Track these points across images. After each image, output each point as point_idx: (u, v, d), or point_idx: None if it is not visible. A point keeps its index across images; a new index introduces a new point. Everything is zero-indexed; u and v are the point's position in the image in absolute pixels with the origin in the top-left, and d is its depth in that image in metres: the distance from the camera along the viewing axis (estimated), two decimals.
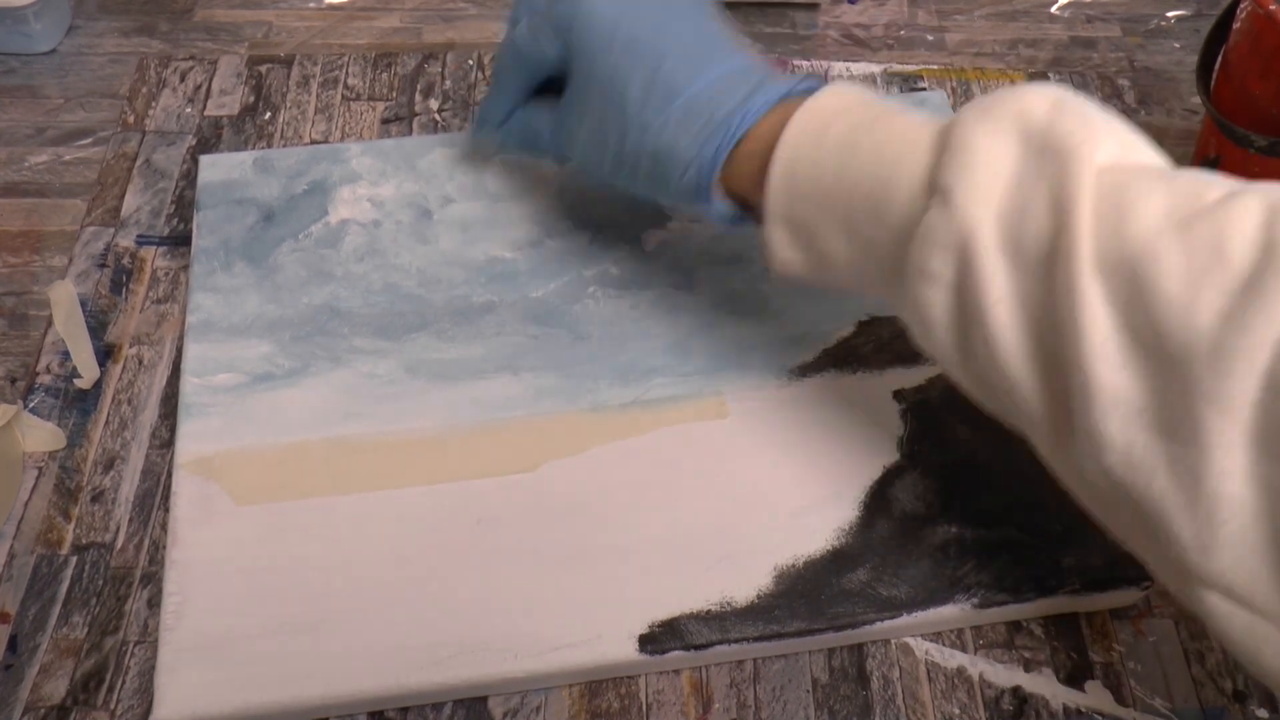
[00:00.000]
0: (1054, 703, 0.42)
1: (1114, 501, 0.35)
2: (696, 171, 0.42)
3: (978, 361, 0.37)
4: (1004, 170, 0.35)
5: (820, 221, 0.39)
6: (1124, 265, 0.33)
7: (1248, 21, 0.51)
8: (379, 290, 0.51)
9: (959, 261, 0.35)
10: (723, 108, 0.42)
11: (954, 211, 0.35)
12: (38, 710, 0.41)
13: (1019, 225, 0.35)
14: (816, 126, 0.39)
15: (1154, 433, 0.32)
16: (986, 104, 0.37)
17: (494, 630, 0.42)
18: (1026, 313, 0.35)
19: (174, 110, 0.60)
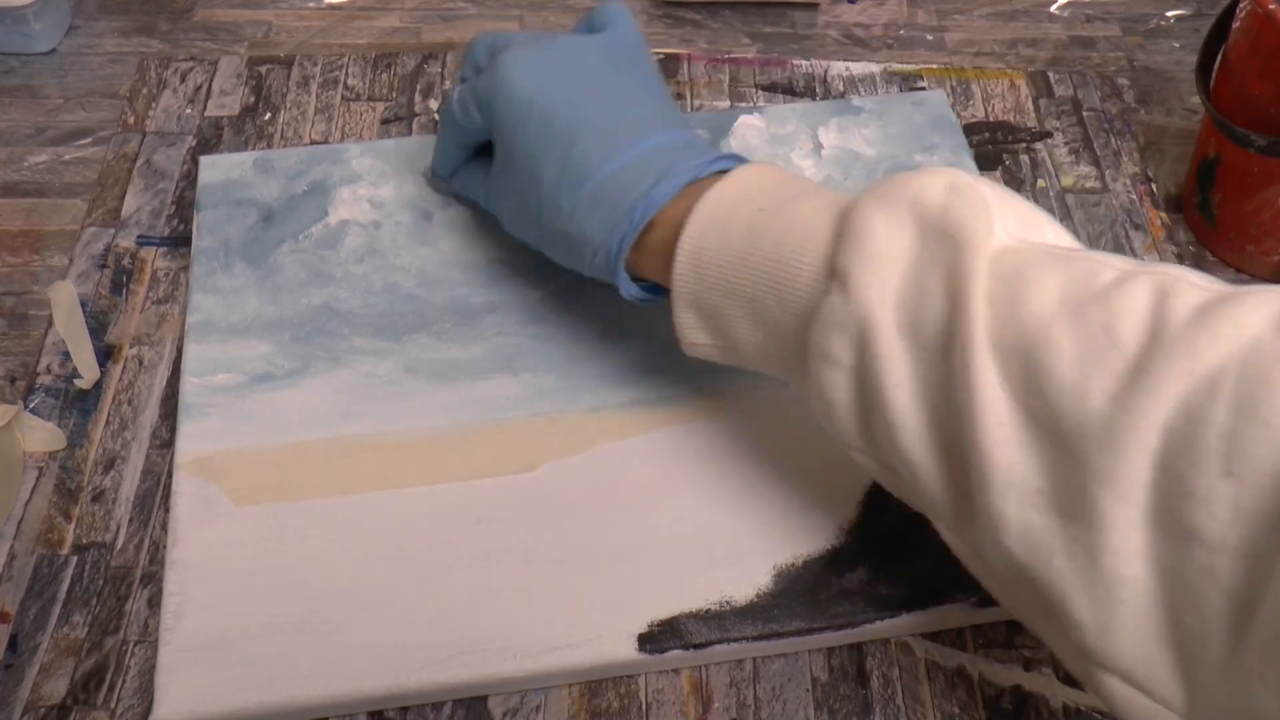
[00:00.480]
0: (1054, 701, 0.42)
1: (1014, 584, 0.35)
2: (605, 255, 0.43)
3: (879, 444, 0.37)
4: (900, 256, 0.36)
5: (726, 307, 0.40)
6: (1019, 348, 0.33)
7: (1247, 21, 0.51)
8: (379, 291, 0.51)
9: (858, 345, 0.36)
10: (629, 194, 0.42)
11: (851, 295, 0.35)
12: (38, 710, 0.41)
13: (916, 309, 0.35)
14: (721, 213, 0.40)
15: (1051, 514, 0.32)
16: (884, 189, 0.37)
17: (494, 630, 0.42)
18: (925, 395, 0.35)
19: (174, 111, 0.61)
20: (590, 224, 0.43)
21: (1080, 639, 0.32)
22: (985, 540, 0.34)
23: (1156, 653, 0.31)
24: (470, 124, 0.48)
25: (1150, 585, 0.31)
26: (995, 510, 0.33)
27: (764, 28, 0.68)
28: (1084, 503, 0.31)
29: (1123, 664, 0.32)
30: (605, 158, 0.43)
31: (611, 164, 0.43)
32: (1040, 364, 0.32)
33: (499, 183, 0.48)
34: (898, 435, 0.35)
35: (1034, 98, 0.64)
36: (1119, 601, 0.31)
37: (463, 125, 0.48)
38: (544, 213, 0.44)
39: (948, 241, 0.35)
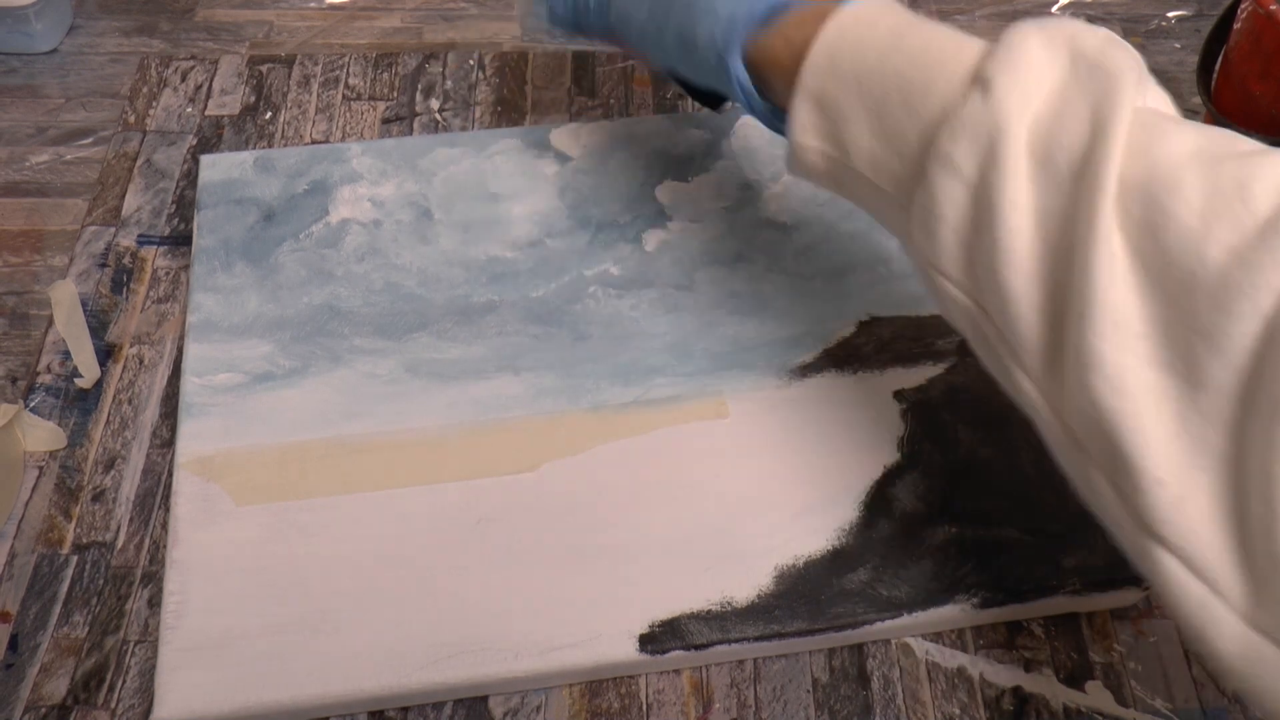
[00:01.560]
0: (1054, 703, 0.42)
1: (1089, 438, 0.33)
2: (723, 27, 0.42)
3: (977, 272, 0.36)
4: (1049, 77, 0.35)
5: (851, 106, 0.38)
6: (1144, 188, 0.32)
7: (1248, 22, 0.51)
8: (379, 290, 0.51)
9: (985, 156, 0.34)
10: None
11: (992, 103, 0.34)
12: (38, 709, 0.41)
13: (1053, 133, 0.34)
14: (869, 16, 0.39)
15: (1148, 362, 0.31)
16: (1042, 21, 0.36)
17: (494, 630, 0.42)
18: (1042, 224, 0.34)
19: (175, 110, 0.60)
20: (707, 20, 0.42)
21: (1147, 503, 0.31)
22: (1071, 383, 0.33)
23: (1222, 538, 0.30)
24: None
25: (1233, 460, 0.30)
26: (1092, 349, 0.32)
27: None
28: (1182, 357, 0.30)
29: (1185, 542, 0.30)
30: None
31: None
32: (1163, 207, 0.31)
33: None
34: (1002, 260, 0.34)
35: None
36: (1200, 469, 0.30)
37: None
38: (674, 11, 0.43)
39: (1101, 77, 0.34)
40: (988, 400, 0.48)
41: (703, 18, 0.42)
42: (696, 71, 0.45)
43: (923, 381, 0.49)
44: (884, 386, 0.49)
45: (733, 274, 0.52)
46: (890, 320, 0.51)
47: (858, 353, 0.50)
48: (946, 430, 0.47)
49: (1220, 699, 0.43)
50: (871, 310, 0.51)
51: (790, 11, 0.41)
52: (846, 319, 0.51)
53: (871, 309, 0.51)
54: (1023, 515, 0.45)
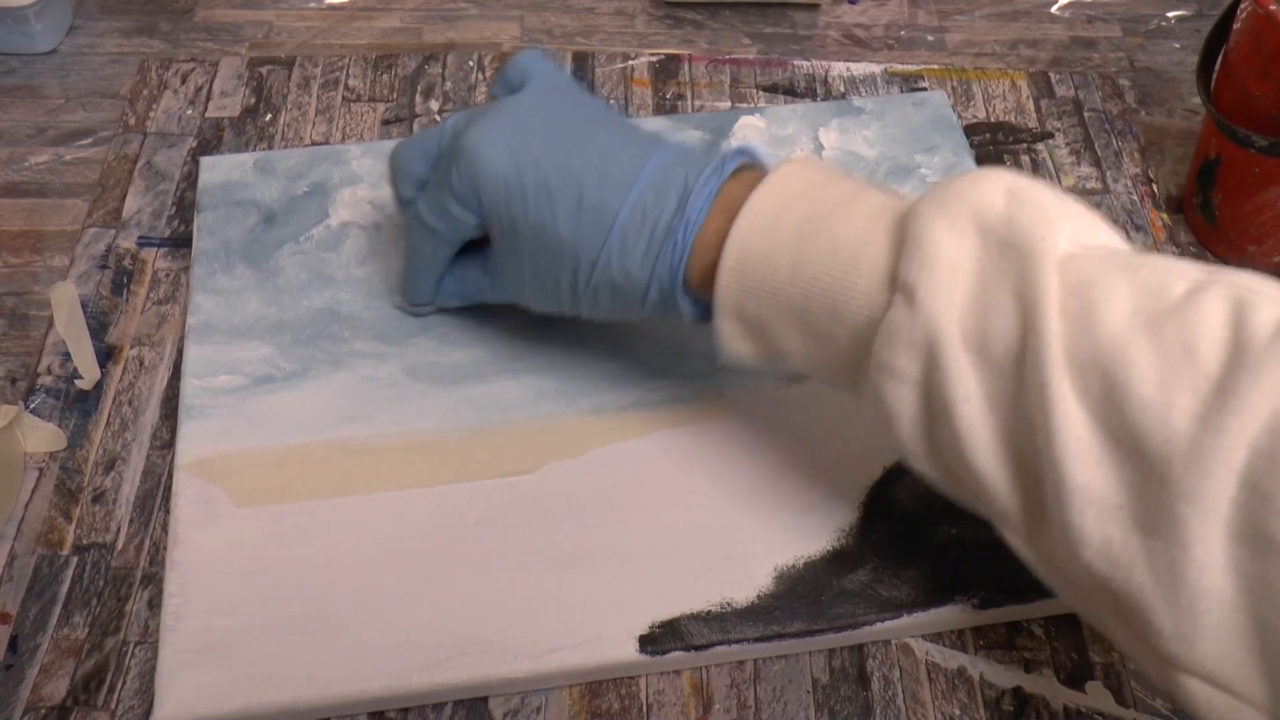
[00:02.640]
0: (1054, 703, 0.42)
1: (1090, 592, 0.35)
2: (658, 291, 0.42)
3: (944, 456, 0.37)
4: (965, 268, 0.35)
5: (773, 317, 0.39)
6: (1096, 365, 0.33)
7: (1248, 22, 0.51)
8: (380, 294, 0.51)
9: (925, 360, 0.35)
10: (660, 222, 0.41)
11: (918, 310, 0.35)
12: (38, 710, 0.41)
13: (984, 323, 0.35)
14: (766, 222, 0.39)
15: (1131, 529, 0.32)
16: (942, 197, 0.37)
17: (494, 631, 0.42)
18: (995, 409, 0.35)
19: (175, 112, 0.61)
20: (631, 264, 0.41)
21: (1161, 646, 0.32)
22: (1060, 552, 0.34)
23: (1240, 654, 0.31)
24: (454, 228, 0.45)
25: (1234, 595, 0.31)
26: (1073, 525, 0.33)
27: (765, 28, 0.68)
28: (1166, 519, 0.31)
29: (1205, 668, 0.32)
30: (618, 195, 0.41)
31: (627, 200, 0.41)
32: (1119, 383, 0.32)
33: (509, 267, 0.45)
34: (966, 448, 0.35)
35: (1035, 98, 0.64)
36: (1202, 612, 0.31)
37: (446, 235, 0.45)
38: (578, 275, 0.42)
39: (1013, 252, 0.35)
40: None
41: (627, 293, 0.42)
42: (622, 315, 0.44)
43: None
44: None
45: None
46: None
47: None
48: None
49: None
50: None
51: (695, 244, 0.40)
52: None
53: None
54: None
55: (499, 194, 0.43)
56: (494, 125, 0.43)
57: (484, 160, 0.43)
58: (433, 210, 0.45)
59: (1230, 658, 0.31)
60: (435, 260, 0.47)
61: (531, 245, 0.43)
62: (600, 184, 0.42)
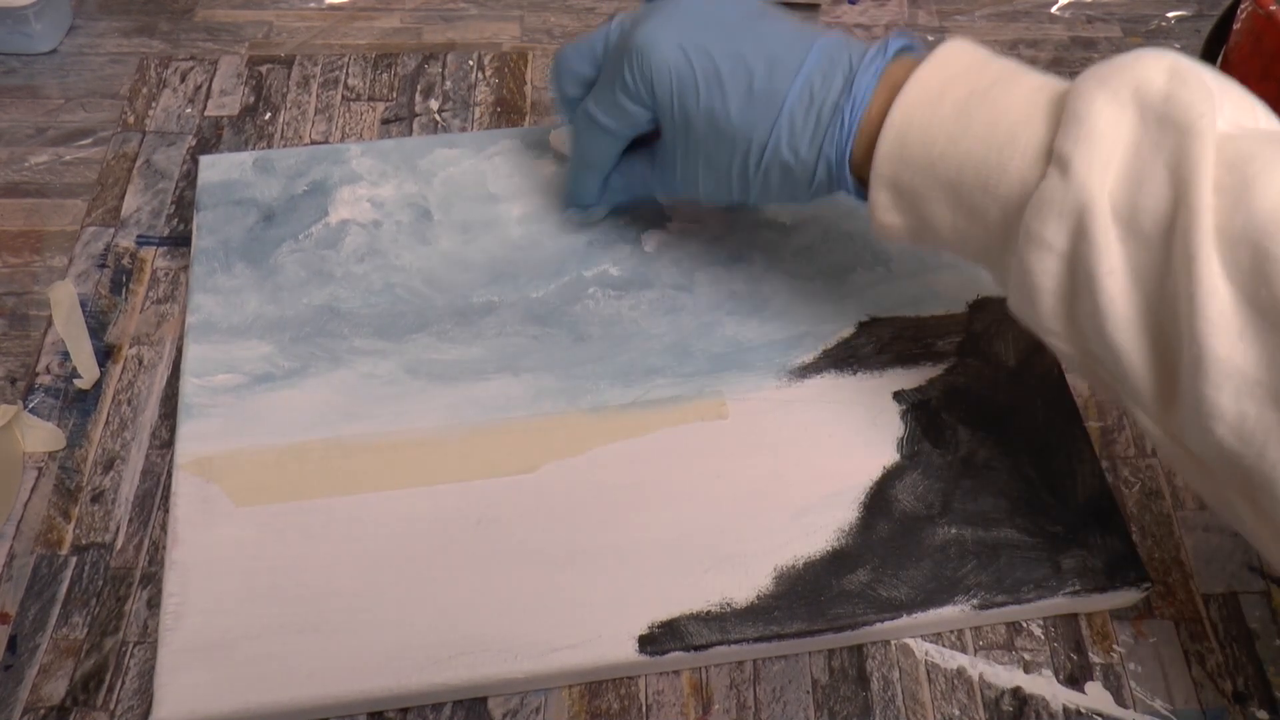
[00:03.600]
0: (1054, 704, 0.42)
1: (1218, 472, 0.35)
2: (825, 170, 0.43)
3: (1083, 330, 0.37)
4: (1122, 141, 0.35)
5: (927, 188, 0.40)
6: (1248, 239, 0.33)
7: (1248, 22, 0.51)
8: (379, 291, 0.51)
9: (1074, 231, 0.36)
10: (828, 101, 0.42)
11: (1072, 181, 0.35)
12: (37, 710, 0.41)
13: (1136, 196, 0.35)
14: (930, 96, 0.40)
15: (1268, 404, 0.33)
16: (1103, 73, 0.37)
17: (494, 630, 0.42)
18: (1139, 284, 0.35)
19: (174, 110, 0.60)
20: (800, 145, 0.43)
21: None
22: (1192, 429, 0.34)
23: None
24: (626, 123, 0.46)
25: None
26: (1208, 399, 0.33)
27: None
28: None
29: None
30: (785, 79, 0.42)
31: (795, 83, 0.42)
32: (1271, 255, 0.32)
33: (681, 159, 0.46)
34: (1106, 322, 0.36)
35: None
36: None
37: (616, 130, 0.47)
38: (748, 159, 0.44)
39: (1171, 128, 0.35)
40: (988, 400, 0.48)
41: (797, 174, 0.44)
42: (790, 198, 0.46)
43: (922, 382, 0.49)
44: (884, 387, 0.49)
45: (732, 274, 0.52)
46: (890, 321, 0.51)
47: (857, 353, 0.50)
48: (946, 431, 0.47)
49: (1220, 699, 0.43)
50: (871, 311, 0.51)
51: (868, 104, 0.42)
52: (846, 319, 0.51)
53: (871, 309, 0.51)
54: (1022, 516, 0.45)
55: (672, 85, 0.44)
56: (664, 21, 0.45)
57: (657, 53, 0.44)
58: (603, 106, 0.47)
59: None
60: (605, 158, 0.49)
61: (703, 133, 0.45)
62: (769, 69, 0.43)
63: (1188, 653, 0.44)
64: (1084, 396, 0.50)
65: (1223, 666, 0.44)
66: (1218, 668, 0.44)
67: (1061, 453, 0.47)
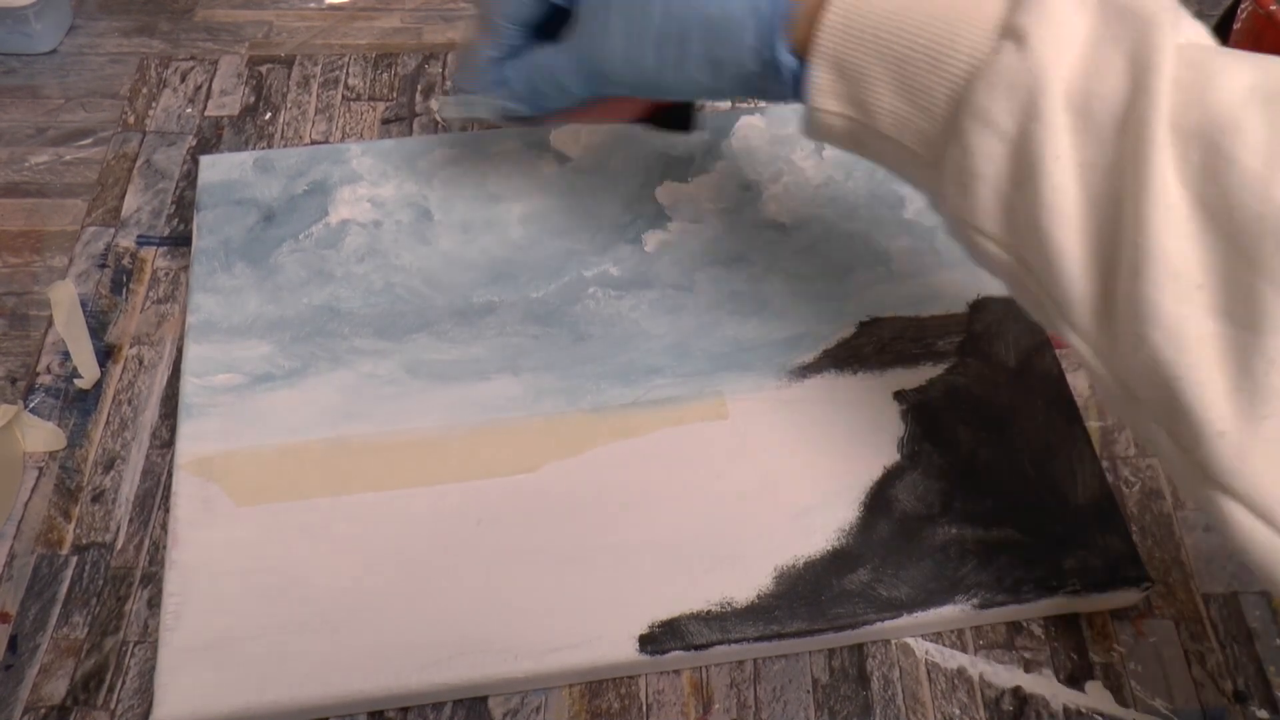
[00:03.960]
0: (1054, 703, 0.42)
1: (1145, 389, 0.33)
2: (757, 37, 0.38)
3: (1019, 227, 0.35)
4: (1083, 27, 0.34)
5: (871, 67, 0.36)
6: (1202, 134, 0.31)
7: (1249, 22, 0.51)
8: (379, 291, 0.51)
9: (1023, 110, 0.33)
10: None
11: (1028, 56, 0.33)
12: (38, 710, 0.41)
13: (1092, 83, 0.33)
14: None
15: (1207, 311, 0.31)
16: None
17: (494, 630, 0.42)
18: (1085, 176, 0.33)
19: (174, 110, 0.60)
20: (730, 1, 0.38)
21: (1209, 455, 0.31)
22: (1125, 338, 0.32)
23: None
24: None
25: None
26: (1148, 301, 0.31)
27: None
28: (1247, 303, 0.30)
29: (1250, 487, 0.30)
30: None
31: None
32: (1223, 152, 0.31)
33: (595, 22, 0.41)
34: (1045, 215, 0.33)
35: None
36: (1262, 416, 0.30)
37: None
38: (669, 15, 0.39)
39: (1133, 20, 0.33)
40: (988, 401, 0.48)
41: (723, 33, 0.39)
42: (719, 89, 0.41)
43: (923, 382, 0.49)
44: (884, 387, 0.49)
45: (732, 274, 0.52)
46: (890, 321, 0.51)
47: (858, 353, 0.50)
48: (946, 431, 0.47)
49: (1220, 699, 0.43)
50: (871, 311, 0.51)
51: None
52: (846, 319, 0.51)
53: (871, 309, 0.51)
54: (1023, 516, 0.45)
55: None
56: None
57: None
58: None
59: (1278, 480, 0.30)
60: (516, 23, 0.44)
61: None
62: None
63: (1188, 652, 0.44)
64: (1084, 396, 0.50)
65: (1223, 666, 0.44)
66: (1218, 667, 0.44)
67: (1062, 453, 0.47)
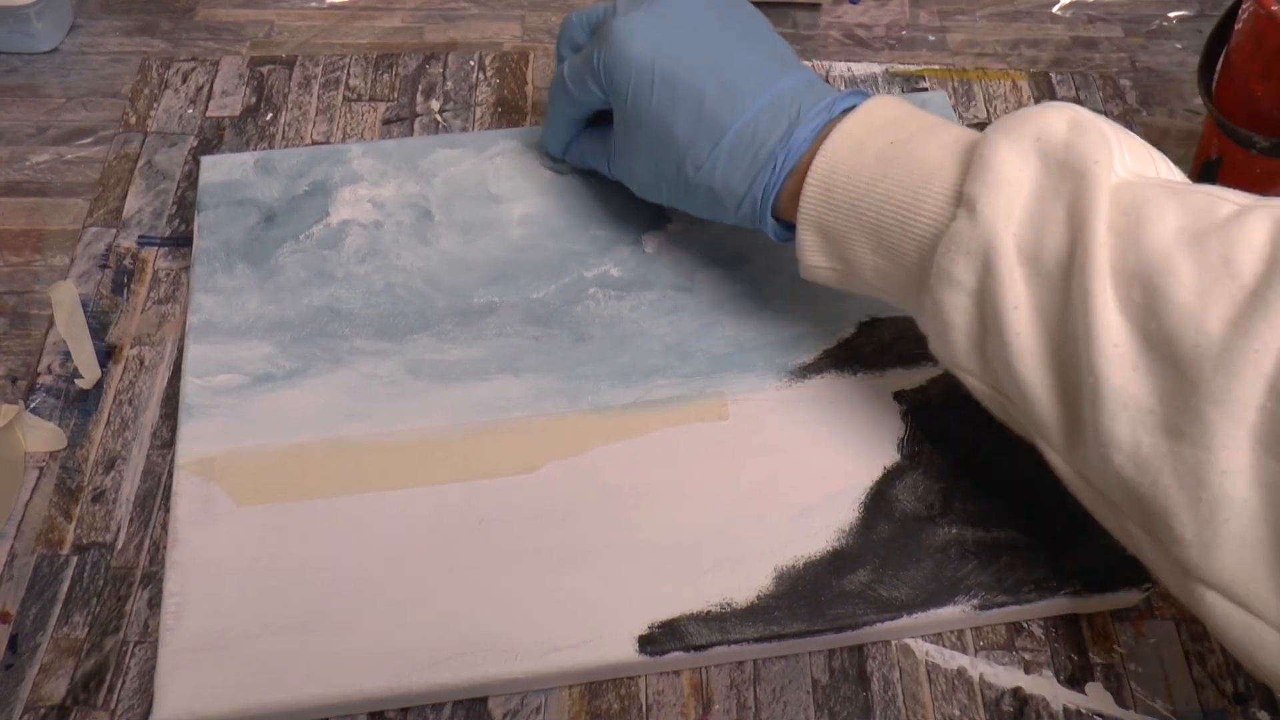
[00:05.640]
0: (1054, 704, 0.42)
1: (1119, 503, 0.36)
2: (751, 206, 0.44)
3: (993, 366, 0.38)
4: (1025, 185, 0.37)
5: (850, 230, 0.41)
6: (1139, 275, 0.35)
7: (1250, 22, 0.51)
8: (380, 291, 0.51)
9: (981, 268, 0.37)
10: (766, 143, 0.43)
11: (978, 221, 0.37)
12: (38, 710, 0.41)
13: (1038, 236, 0.37)
14: (852, 144, 0.41)
15: (1161, 433, 0.34)
16: (1009, 124, 0.39)
17: (494, 630, 0.42)
18: (1042, 319, 0.37)
19: (176, 111, 0.61)
20: (732, 177, 0.44)
21: (1182, 555, 0.34)
22: (1094, 459, 0.36)
23: (1258, 569, 0.32)
24: (587, 97, 0.49)
25: (1255, 505, 0.32)
26: (1106, 429, 0.35)
27: None
28: (1194, 422, 0.33)
29: (1223, 579, 0.33)
30: (735, 111, 0.44)
31: (743, 116, 0.44)
32: (1160, 291, 0.34)
33: (625, 148, 0.49)
34: (1012, 356, 0.37)
35: (1036, 98, 0.63)
36: (1223, 520, 0.33)
37: (578, 99, 0.50)
38: (683, 171, 0.46)
39: (1070, 174, 0.37)
40: None
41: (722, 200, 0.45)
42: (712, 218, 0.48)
43: (923, 383, 0.49)
44: (884, 388, 0.49)
45: (733, 275, 0.52)
46: (890, 321, 0.51)
47: (858, 354, 0.50)
48: (947, 431, 0.47)
49: (1221, 700, 0.43)
50: (872, 311, 0.51)
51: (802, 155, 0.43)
52: (846, 320, 0.51)
53: (872, 310, 0.51)
54: (1023, 516, 0.45)
55: (630, 81, 0.46)
56: (646, 16, 0.46)
57: (625, 46, 0.46)
58: (573, 76, 0.49)
59: (1248, 571, 0.32)
60: (567, 119, 0.52)
61: (648, 134, 0.46)
62: (721, 97, 0.44)
63: (1188, 653, 0.44)
64: None
65: (1223, 667, 0.44)
66: (1218, 668, 0.44)
67: None
